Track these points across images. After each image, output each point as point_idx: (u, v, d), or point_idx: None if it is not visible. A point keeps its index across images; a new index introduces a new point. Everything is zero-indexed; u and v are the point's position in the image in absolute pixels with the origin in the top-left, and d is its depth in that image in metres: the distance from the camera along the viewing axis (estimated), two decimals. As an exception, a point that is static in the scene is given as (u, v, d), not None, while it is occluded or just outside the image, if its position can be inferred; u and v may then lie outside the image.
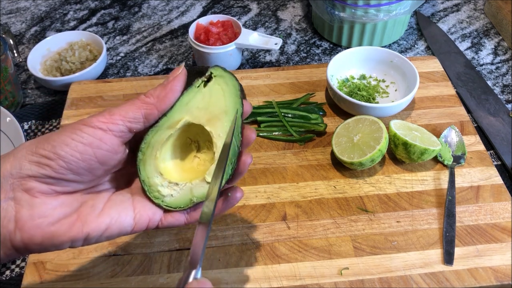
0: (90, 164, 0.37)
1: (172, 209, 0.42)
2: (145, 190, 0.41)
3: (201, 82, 0.42)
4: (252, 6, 1.05)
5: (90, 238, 0.38)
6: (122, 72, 0.89)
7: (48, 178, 0.36)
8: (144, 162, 0.41)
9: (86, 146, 0.36)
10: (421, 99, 0.77)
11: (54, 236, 0.36)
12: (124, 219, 0.40)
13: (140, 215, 0.40)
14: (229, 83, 0.42)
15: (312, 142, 0.71)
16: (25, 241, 0.35)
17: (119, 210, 0.40)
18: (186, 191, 0.42)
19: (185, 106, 0.41)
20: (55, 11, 1.04)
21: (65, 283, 0.56)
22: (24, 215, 0.35)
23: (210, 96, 0.41)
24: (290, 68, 0.83)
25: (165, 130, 0.41)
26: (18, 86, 0.80)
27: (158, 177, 0.41)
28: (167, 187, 0.41)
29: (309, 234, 0.60)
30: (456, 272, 0.56)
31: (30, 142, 0.37)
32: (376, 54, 0.78)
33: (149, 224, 0.41)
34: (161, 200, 0.41)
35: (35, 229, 0.35)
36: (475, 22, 0.99)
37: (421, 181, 0.66)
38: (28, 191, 0.35)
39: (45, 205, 0.36)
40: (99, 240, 0.39)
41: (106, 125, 0.37)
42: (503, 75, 0.87)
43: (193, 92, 0.41)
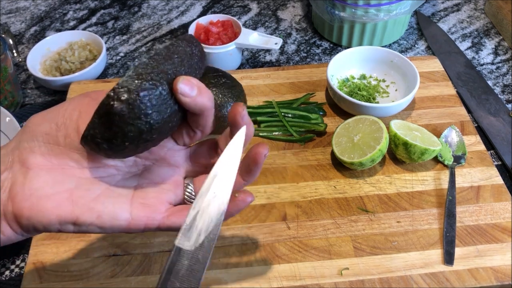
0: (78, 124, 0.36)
1: None
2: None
3: None
4: (252, 6, 1.05)
5: (80, 223, 0.36)
6: (122, 72, 0.89)
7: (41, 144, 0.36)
8: None
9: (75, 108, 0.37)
10: (422, 99, 0.77)
11: (42, 211, 0.35)
12: (118, 212, 0.38)
13: (138, 211, 0.39)
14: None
15: (312, 142, 0.71)
16: (15, 212, 0.35)
17: (114, 201, 0.38)
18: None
19: None
20: (54, 11, 1.04)
21: (65, 283, 0.56)
22: (17, 186, 0.35)
23: None
24: (290, 68, 0.83)
25: None
26: (17, 86, 0.80)
27: None
28: None
29: (309, 234, 0.60)
30: (457, 272, 0.56)
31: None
32: (376, 54, 0.78)
33: (148, 222, 0.39)
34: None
35: (25, 201, 0.35)
36: (475, 22, 0.99)
37: (421, 181, 0.66)
38: (23, 163, 0.36)
39: (38, 178, 0.36)
40: (90, 229, 0.37)
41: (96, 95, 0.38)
42: (504, 75, 0.87)
43: None
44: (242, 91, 0.69)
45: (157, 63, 0.34)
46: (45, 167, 0.36)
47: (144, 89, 0.32)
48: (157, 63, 0.34)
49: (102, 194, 0.38)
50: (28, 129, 0.37)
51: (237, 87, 0.68)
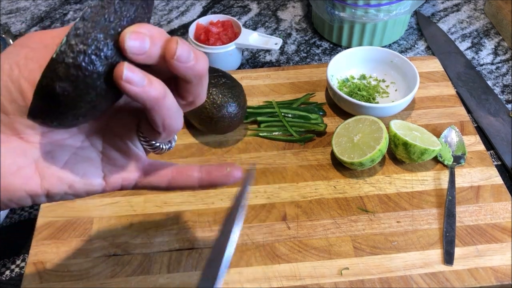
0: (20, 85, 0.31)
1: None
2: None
3: None
4: (252, 6, 1.05)
5: (52, 194, 0.34)
6: (122, 72, 0.89)
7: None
8: None
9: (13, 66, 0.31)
10: (421, 99, 0.77)
11: (8, 190, 0.32)
12: (90, 176, 0.35)
13: (111, 174, 0.35)
14: None
15: (312, 142, 0.71)
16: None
17: (84, 166, 0.34)
18: None
19: None
20: (55, 11, 1.04)
21: (65, 283, 0.56)
22: None
23: None
24: (290, 68, 0.83)
25: None
26: (18, 86, 0.80)
27: None
28: None
29: (309, 234, 0.60)
30: (456, 272, 0.56)
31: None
32: (376, 54, 0.78)
33: (124, 184, 0.36)
34: None
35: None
36: (475, 22, 0.99)
37: (421, 181, 0.66)
38: None
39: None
40: (65, 198, 0.34)
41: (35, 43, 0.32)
42: (503, 75, 0.87)
43: None
44: (242, 91, 0.69)
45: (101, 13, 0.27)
46: (3, 136, 0.32)
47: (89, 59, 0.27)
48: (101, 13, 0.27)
49: (70, 160, 0.34)
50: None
51: (237, 87, 0.68)
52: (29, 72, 0.31)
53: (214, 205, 0.63)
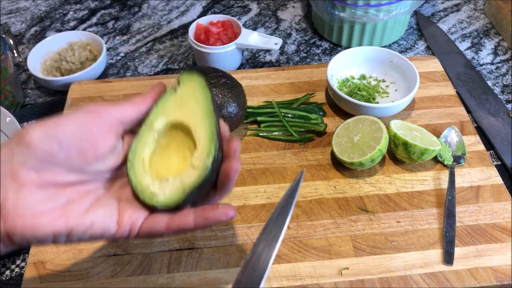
0: (81, 145, 0.37)
1: (167, 208, 0.41)
2: (138, 195, 0.41)
3: (171, 89, 0.45)
4: (252, 6, 1.05)
5: (73, 234, 0.37)
6: (122, 72, 0.89)
7: (38, 162, 0.36)
8: (133, 169, 0.42)
9: (79, 127, 0.38)
10: (421, 99, 0.77)
11: (36, 227, 0.35)
12: (108, 220, 0.39)
13: (123, 219, 0.40)
14: (194, 79, 0.45)
15: (312, 142, 0.71)
16: (7, 230, 0.35)
17: (103, 211, 0.40)
18: (177, 184, 0.41)
19: (161, 110, 0.44)
20: (55, 11, 1.04)
21: (65, 283, 0.56)
22: (9, 204, 0.35)
23: (182, 96, 0.45)
24: (290, 68, 0.83)
25: (147, 134, 0.43)
26: (18, 86, 0.80)
27: (148, 178, 0.42)
28: (158, 186, 0.42)
29: (309, 234, 0.60)
30: (456, 272, 0.56)
31: (22, 129, 0.37)
32: (376, 54, 0.78)
33: (132, 229, 0.40)
34: (156, 200, 0.41)
35: (17, 218, 0.35)
36: (475, 22, 0.99)
37: (421, 181, 0.66)
38: (16, 179, 0.35)
39: (31, 196, 0.36)
40: (82, 238, 0.38)
41: (99, 111, 0.39)
42: (503, 75, 0.87)
43: (165, 98, 0.45)
44: (242, 91, 0.69)
45: None
46: (38, 184, 0.36)
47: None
48: None
49: (92, 205, 0.39)
50: (25, 142, 0.36)
51: (237, 87, 0.68)
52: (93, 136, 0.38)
53: (214, 205, 0.63)
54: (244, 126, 0.73)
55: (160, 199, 0.41)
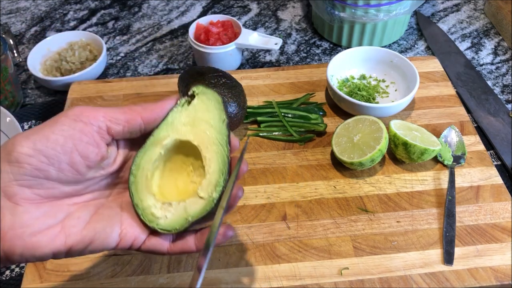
0: (71, 157, 0.36)
1: (166, 232, 0.40)
2: (139, 214, 0.40)
3: (185, 101, 0.43)
4: (252, 6, 1.05)
5: (73, 251, 0.37)
6: (122, 72, 0.89)
7: (30, 179, 0.34)
8: (136, 185, 0.41)
9: (67, 139, 0.35)
10: (421, 99, 0.77)
11: (35, 247, 0.34)
12: (109, 234, 0.38)
13: (126, 232, 0.39)
14: (211, 98, 0.43)
15: (312, 142, 0.71)
16: (5, 251, 0.34)
17: (105, 225, 0.38)
18: (180, 211, 0.41)
19: (171, 125, 0.42)
20: (55, 11, 1.04)
21: (65, 283, 0.56)
22: (6, 224, 0.33)
23: (195, 113, 0.42)
24: (290, 68, 0.83)
25: (153, 148, 0.41)
26: (18, 86, 0.80)
27: (151, 199, 0.41)
28: (160, 208, 0.41)
29: (309, 234, 0.60)
30: (456, 272, 0.56)
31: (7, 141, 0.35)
32: (376, 54, 0.78)
33: (134, 243, 0.39)
34: (156, 223, 0.40)
35: (16, 239, 0.34)
36: (475, 22, 0.99)
37: (421, 181, 0.66)
38: (10, 198, 0.34)
39: (27, 214, 0.34)
40: (82, 253, 0.38)
41: (87, 118, 0.37)
42: (503, 75, 0.87)
43: (178, 111, 0.42)
44: (242, 91, 0.69)
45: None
46: (33, 200, 0.35)
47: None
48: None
49: (93, 218, 0.38)
50: (13, 159, 0.34)
51: (237, 87, 0.68)
52: (83, 147, 0.36)
53: (214, 205, 0.63)
54: (244, 126, 0.73)
55: (161, 223, 0.40)
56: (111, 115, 0.38)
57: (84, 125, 0.37)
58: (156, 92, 0.79)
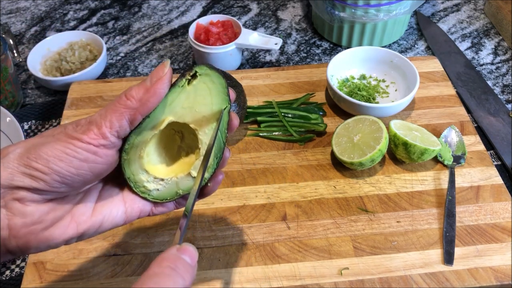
0: (85, 177, 0.37)
1: (158, 201, 0.43)
2: (131, 186, 0.42)
3: (185, 81, 0.40)
4: (252, 6, 1.05)
5: (85, 235, 0.39)
6: (122, 72, 0.89)
7: (41, 191, 0.36)
8: (129, 162, 0.41)
9: (82, 162, 0.36)
10: (421, 99, 0.77)
11: (49, 239, 0.37)
12: (115, 214, 0.40)
13: (131, 209, 0.42)
14: (215, 81, 0.41)
15: (312, 142, 0.71)
16: (21, 247, 0.36)
17: (110, 206, 0.40)
18: (171, 185, 0.43)
19: (169, 106, 0.40)
20: (55, 11, 1.04)
21: (65, 283, 0.56)
22: (17, 223, 0.35)
23: (196, 95, 0.40)
24: (290, 68, 0.83)
25: (148, 131, 0.40)
26: (18, 86, 0.80)
27: (144, 174, 0.42)
28: (153, 182, 0.42)
29: (309, 234, 0.60)
30: (456, 272, 0.56)
31: (21, 151, 0.35)
32: (376, 54, 0.78)
33: (140, 215, 0.42)
34: (147, 194, 0.42)
35: (30, 235, 0.36)
36: (475, 22, 0.99)
37: (421, 181, 0.66)
38: (19, 200, 0.35)
39: (37, 212, 0.36)
40: (92, 235, 0.40)
41: (97, 141, 0.36)
42: (503, 75, 0.87)
43: (177, 91, 0.40)
44: (242, 91, 0.69)
45: None
46: (40, 200, 0.36)
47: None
48: None
49: (98, 202, 0.40)
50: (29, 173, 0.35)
51: (237, 87, 0.68)
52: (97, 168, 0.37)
53: (214, 205, 0.63)
54: (244, 126, 0.73)
55: (153, 194, 0.42)
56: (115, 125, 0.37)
57: (96, 148, 0.37)
58: (156, 92, 0.78)
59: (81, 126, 0.37)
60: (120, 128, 0.37)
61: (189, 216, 0.38)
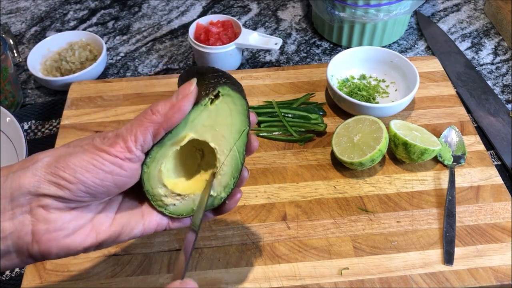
0: (108, 189, 0.38)
1: (174, 216, 0.43)
2: (149, 199, 0.43)
3: (208, 100, 0.42)
4: (252, 6, 1.05)
5: (103, 245, 0.40)
6: (122, 72, 0.89)
7: (66, 199, 0.37)
8: (149, 175, 0.42)
9: (107, 174, 0.37)
10: (421, 99, 0.77)
11: (70, 247, 0.38)
12: (133, 226, 0.41)
13: (149, 221, 0.43)
14: (236, 102, 0.43)
15: (312, 142, 0.71)
16: (42, 252, 0.37)
17: (129, 218, 0.42)
18: (188, 202, 0.44)
19: (190, 123, 0.41)
20: (55, 11, 1.04)
21: (65, 283, 0.56)
22: (40, 229, 0.36)
23: (217, 115, 0.42)
24: (290, 68, 0.83)
25: (170, 146, 0.42)
26: (18, 86, 0.80)
27: (162, 188, 0.42)
28: (170, 197, 0.43)
29: (309, 234, 0.60)
30: (456, 272, 0.56)
31: (49, 160, 0.37)
32: (376, 54, 0.78)
33: (157, 228, 0.43)
34: (164, 208, 0.43)
35: (52, 241, 0.37)
36: (475, 22, 0.99)
37: (421, 181, 0.66)
38: (44, 207, 0.36)
39: (60, 219, 0.37)
40: (110, 245, 0.41)
41: (123, 154, 0.38)
42: (503, 75, 0.87)
43: (199, 110, 0.41)
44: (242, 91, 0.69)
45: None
46: (64, 208, 0.38)
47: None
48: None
49: (118, 213, 0.41)
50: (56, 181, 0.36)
51: (237, 87, 0.68)
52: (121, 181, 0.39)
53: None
54: (244, 126, 0.73)
55: (170, 208, 0.43)
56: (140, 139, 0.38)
57: (122, 161, 0.38)
58: (156, 92, 0.79)
59: (108, 138, 0.38)
60: (144, 142, 0.39)
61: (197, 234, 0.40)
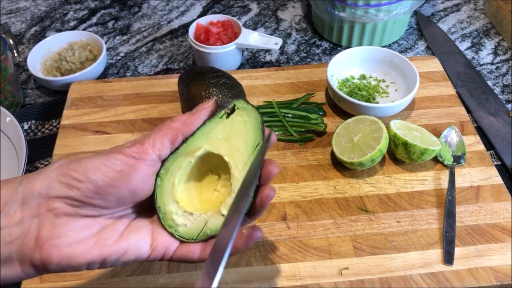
0: (119, 191, 0.38)
1: (184, 240, 0.42)
2: (160, 217, 0.42)
3: (224, 113, 0.43)
4: (252, 6, 1.05)
5: (107, 262, 0.39)
6: (122, 72, 0.89)
7: (76, 201, 0.36)
8: (162, 188, 0.41)
9: (118, 173, 0.37)
10: (421, 99, 0.77)
11: (71, 257, 0.37)
12: (141, 245, 0.40)
13: (157, 243, 0.41)
14: (251, 115, 0.42)
15: (312, 142, 0.71)
16: (43, 260, 0.36)
17: (137, 236, 0.40)
18: (200, 222, 0.42)
19: (206, 135, 0.42)
20: (55, 11, 1.04)
21: (65, 283, 0.56)
22: (44, 234, 0.36)
23: (232, 128, 0.42)
24: (290, 68, 0.83)
25: (184, 157, 0.41)
26: (18, 86, 0.80)
27: (174, 205, 0.42)
28: (181, 216, 0.42)
29: (309, 234, 0.60)
30: (456, 272, 0.56)
31: (62, 163, 0.37)
32: (376, 54, 0.78)
33: (165, 253, 0.41)
34: (175, 229, 0.41)
35: (53, 248, 0.36)
36: (475, 22, 0.99)
37: (421, 181, 0.66)
38: (52, 211, 0.36)
39: (66, 226, 0.37)
40: (115, 264, 0.39)
41: (138, 154, 0.38)
42: (503, 75, 0.87)
43: (215, 122, 0.42)
44: (242, 91, 0.69)
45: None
46: (72, 215, 0.37)
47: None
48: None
49: (126, 230, 0.40)
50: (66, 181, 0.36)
51: (237, 87, 0.68)
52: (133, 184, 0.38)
53: (214, 205, 0.63)
54: (244, 126, 0.73)
55: (180, 230, 0.41)
56: (157, 143, 0.39)
57: (135, 161, 0.38)
58: (156, 92, 0.79)
59: (125, 144, 0.39)
60: (162, 146, 0.39)
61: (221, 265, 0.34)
